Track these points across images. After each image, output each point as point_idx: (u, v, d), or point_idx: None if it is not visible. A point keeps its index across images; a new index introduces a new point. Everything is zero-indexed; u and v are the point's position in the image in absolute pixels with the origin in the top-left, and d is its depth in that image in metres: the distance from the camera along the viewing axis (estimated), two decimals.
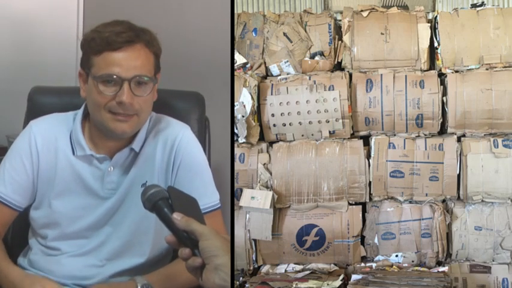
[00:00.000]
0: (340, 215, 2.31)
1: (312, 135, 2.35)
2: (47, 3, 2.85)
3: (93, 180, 1.65)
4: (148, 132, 1.69)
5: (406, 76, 2.31)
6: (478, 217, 2.27)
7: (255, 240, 2.33)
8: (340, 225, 2.30)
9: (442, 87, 2.29)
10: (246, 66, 2.46)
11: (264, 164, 2.33)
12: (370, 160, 2.30)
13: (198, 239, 1.08)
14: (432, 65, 2.39)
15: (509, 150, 2.24)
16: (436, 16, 2.39)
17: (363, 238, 2.34)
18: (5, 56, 2.83)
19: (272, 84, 2.36)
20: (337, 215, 2.31)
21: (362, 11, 2.42)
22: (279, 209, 2.33)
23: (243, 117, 2.27)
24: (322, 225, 2.31)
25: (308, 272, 2.28)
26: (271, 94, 2.33)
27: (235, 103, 2.27)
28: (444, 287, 2.01)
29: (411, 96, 2.28)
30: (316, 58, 2.41)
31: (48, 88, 2.00)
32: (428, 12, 2.78)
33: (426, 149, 2.28)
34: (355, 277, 2.13)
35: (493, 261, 2.29)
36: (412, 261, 2.29)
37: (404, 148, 2.29)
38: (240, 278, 2.30)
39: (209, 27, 2.60)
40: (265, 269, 2.36)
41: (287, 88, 2.33)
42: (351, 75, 2.36)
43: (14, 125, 1.94)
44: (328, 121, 2.30)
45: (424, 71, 2.34)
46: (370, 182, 2.30)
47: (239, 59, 2.45)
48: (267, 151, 2.38)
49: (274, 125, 2.35)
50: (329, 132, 2.33)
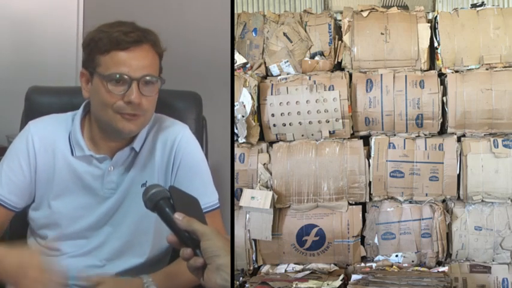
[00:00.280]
0: (340, 215, 2.31)
1: (312, 135, 2.35)
2: (47, 3, 2.85)
3: (92, 180, 1.65)
4: (148, 132, 1.69)
5: (406, 76, 2.31)
6: (478, 217, 2.27)
7: (255, 240, 2.33)
8: (340, 225, 2.30)
9: (442, 87, 2.29)
10: (246, 66, 2.46)
11: (264, 164, 2.33)
12: (370, 160, 2.30)
13: (200, 239, 1.08)
14: (432, 65, 2.39)
15: (509, 150, 2.24)
16: (436, 16, 2.39)
17: (363, 238, 2.34)
18: (5, 56, 2.82)
19: (272, 84, 2.36)
20: (337, 215, 2.31)
21: (362, 11, 2.42)
22: (279, 209, 2.32)
23: (243, 117, 2.26)
24: (322, 225, 2.31)
25: (308, 272, 2.28)
26: (271, 94, 2.33)
27: (235, 103, 2.27)
28: (444, 287, 2.01)
29: (411, 96, 2.28)
30: (316, 58, 2.41)
31: (46, 88, 1.99)
32: (428, 12, 2.78)
33: (426, 149, 2.28)
34: (355, 277, 2.13)
35: (493, 261, 2.29)
36: (412, 261, 2.29)
37: (404, 148, 2.29)
38: (240, 278, 2.30)
39: (209, 27, 2.60)
40: (265, 269, 2.36)
41: (287, 88, 2.33)
42: (351, 75, 2.36)
43: (14, 125, 1.93)
44: (328, 121, 2.30)
45: (424, 71, 2.34)
46: (370, 182, 2.30)
47: (239, 59, 2.44)
48: (267, 151, 2.38)
49: (274, 125, 2.35)
50: (329, 132, 2.33)
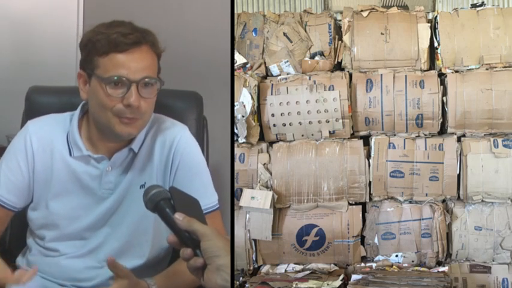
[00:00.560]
0: (340, 215, 2.31)
1: (312, 135, 2.35)
2: (47, 3, 2.84)
3: (90, 180, 1.64)
4: (147, 133, 1.68)
5: (406, 76, 2.31)
6: (478, 217, 2.27)
7: (255, 240, 2.33)
8: (340, 225, 2.30)
9: (442, 87, 2.29)
10: (246, 66, 2.46)
11: (264, 164, 2.33)
12: (370, 160, 2.30)
13: (200, 240, 1.08)
14: (432, 65, 2.39)
15: (509, 150, 2.24)
16: (436, 16, 2.39)
17: (363, 238, 2.34)
18: (5, 56, 2.81)
19: (272, 84, 2.36)
20: (337, 215, 2.31)
21: (362, 11, 2.42)
22: (279, 209, 2.32)
23: (243, 117, 2.26)
24: (322, 225, 2.31)
25: (308, 272, 2.28)
26: (271, 94, 2.33)
27: (235, 103, 2.27)
28: (444, 287, 2.01)
29: (411, 96, 2.28)
30: (316, 58, 2.41)
31: (46, 88, 1.99)
32: (428, 12, 2.78)
33: (426, 149, 2.28)
34: (355, 277, 2.13)
35: (493, 261, 2.29)
36: (412, 261, 2.29)
37: (404, 148, 2.29)
38: (240, 278, 2.30)
39: (209, 27, 2.59)
40: (265, 269, 2.36)
41: (287, 88, 2.33)
42: (351, 75, 2.36)
43: (13, 125, 1.93)
44: (328, 121, 2.30)
45: (424, 71, 2.34)
46: (370, 182, 2.30)
47: (239, 59, 2.44)
48: (267, 151, 2.38)
49: (274, 125, 2.35)
50: (329, 132, 2.33)
